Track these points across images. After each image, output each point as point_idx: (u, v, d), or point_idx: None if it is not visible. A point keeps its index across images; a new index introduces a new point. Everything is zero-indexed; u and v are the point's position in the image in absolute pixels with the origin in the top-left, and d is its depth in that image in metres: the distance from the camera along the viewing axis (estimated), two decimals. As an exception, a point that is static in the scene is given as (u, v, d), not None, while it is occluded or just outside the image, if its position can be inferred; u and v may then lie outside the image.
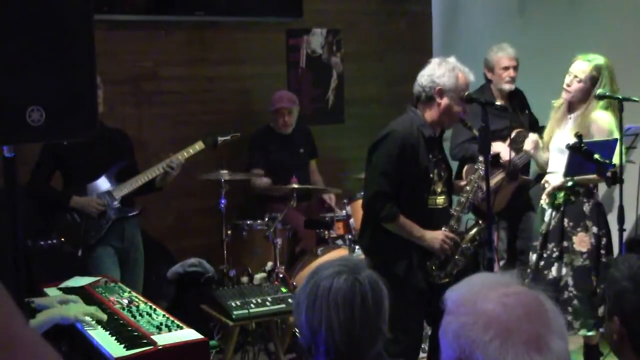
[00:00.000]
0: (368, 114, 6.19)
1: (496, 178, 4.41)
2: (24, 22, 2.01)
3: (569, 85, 3.98)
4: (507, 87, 4.67)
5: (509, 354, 1.24)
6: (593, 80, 3.91)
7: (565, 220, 3.95)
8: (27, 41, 2.02)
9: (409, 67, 6.33)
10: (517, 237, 4.76)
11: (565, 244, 3.94)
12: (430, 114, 3.52)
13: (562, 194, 3.97)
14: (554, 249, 3.95)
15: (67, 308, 2.95)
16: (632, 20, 4.98)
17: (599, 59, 3.95)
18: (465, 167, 4.49)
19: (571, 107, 4.04)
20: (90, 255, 4.25)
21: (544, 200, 4.08)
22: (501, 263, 4.70)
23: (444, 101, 3.47)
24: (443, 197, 3.59)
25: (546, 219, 4.01)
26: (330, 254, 4.68)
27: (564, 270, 3.93)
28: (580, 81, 3.93)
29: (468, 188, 3.62)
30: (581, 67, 3.94)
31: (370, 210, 3.55)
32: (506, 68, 4.64)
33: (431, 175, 3.51)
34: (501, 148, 4.42)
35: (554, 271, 3.93)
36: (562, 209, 3.97)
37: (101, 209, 4.24)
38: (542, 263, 3.98)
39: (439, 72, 3.48)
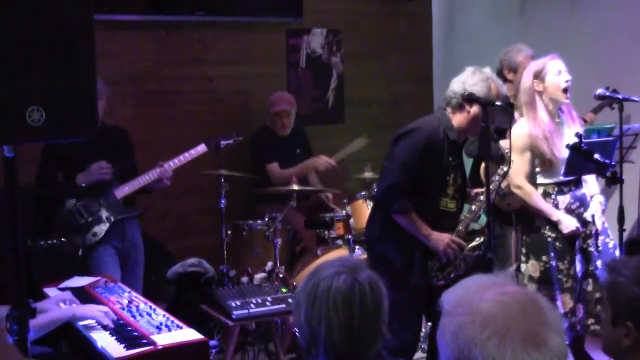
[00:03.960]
0: (368, 114, 6.20)
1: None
2: (24, 22, 2.01)
3: (568, 81, 3.81)
4: None
5: (507, 351, 1.24)
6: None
7: (604, 217, 3.94)
8: (27, 41, 2.02)
9: (409, 67, 6.39)
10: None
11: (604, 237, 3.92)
12: (459, 120, 3.56)
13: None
14: (598, 244, 3.90)
15: (75, 308, 2.96)
16: (632, 20, 4.98)
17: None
18: (483, 166, 4.46)
19: (555, 111, 3.89)
20: (92, 255, 4.25)
21: (567, 209, 3.97)
22: (514, 266, 4.64)
23: (474, 109, 3.50)
24: (455, 202, 3.63)
25: (589, 218, 3.90)
26: (330, 254, 4.68)
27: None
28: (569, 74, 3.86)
29: (482, 198, 3.63)
30: (561, 63, 3.85)
31: (384, 200, 3.58)
32: None
33: (447, 178, 3.54)
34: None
35: None
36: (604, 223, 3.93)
37: (108, 170, 4.21)
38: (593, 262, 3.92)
39: (472, 80, 3.51)
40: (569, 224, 3.82)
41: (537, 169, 3.92)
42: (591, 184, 3.95)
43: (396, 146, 3.55)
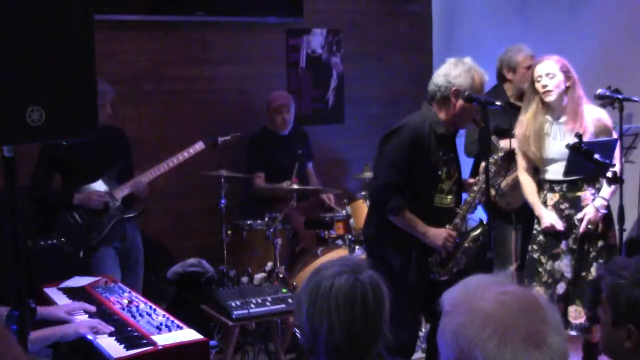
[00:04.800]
0: (368, 114, 6.20)
1: (512, 175, 4.40)
2: (24, 23, 2.01)
3: (546, 86, 3.84)
4: None
5: (507, 351, 1.24)
6: (563, 69, 3.85)
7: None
8: (27, 41, 2.02)
9: (409, 67, 6.39)
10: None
11: (600, 242, 3.91)
12: (445, 113, 3.54)
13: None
14: (591, 249, 3.90)
15: (67, 327, 2.94)
16: (632, 20, 4.98)
17: (554, 55, 3.94)
18: (482, 166, 4.47)
19: (549, 109, 3.92)
20: (93, 255, 4.25)
21: (555, 207, 3.98)
22: (514, 266, 4.65)
23: (460, 102, 3.48)
24: (450, 196, 3.60)
25: (577, 222, 3.93)
26: (330, 254, 4.68)
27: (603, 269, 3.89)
28: (554, 77, 3.83)
29: (475, 188, 3.64)
30: (549, 65, 3.86)
31: (378, 200, 3.58)
32: (529, 67, 4.67)
33: (439, 173, 3.52)
34: (516, 144, 4.40)
35: (593, 272, 3.90)
36: (599, 230, 3.89)
37: (103, 201, 4.23)
38: (577, 265, 3.91)
39: (455, 72, 3.49)
40: (546, 219, 3.89)
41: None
42: (604, 188, 3.90)
43: (383, 146, 3.54)
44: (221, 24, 5.61)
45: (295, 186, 4.78)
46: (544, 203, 3.96)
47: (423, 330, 4.45)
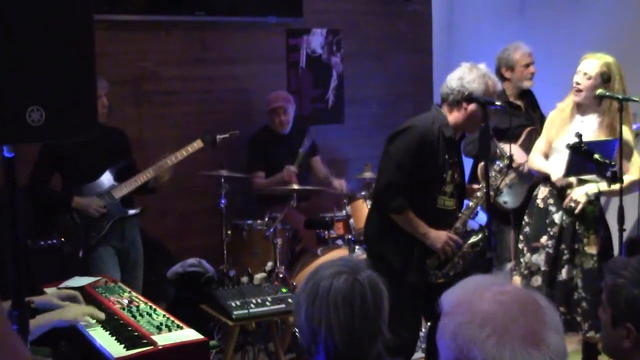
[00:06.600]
0: (368, 114, 6.20)
1: (510, 175, 4.41)
2: (24, 22, 2.01)
3: (578, 84, 3.89)
4: (529, 84, 4.71)
5: (506, 350, 1.24)
6: (603, 76, 3.86)
7: (577, 222, 3.94)
8: (27, 41, 2.02)
9: (409, 67, 6.39)
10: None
11: (576, 246, 3.93)
12: (455, 117, 3.54)
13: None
14: (565, 251, 3.94)
15: (65, 310, 2.94)
16: (632, 19, 4.98)
17: (608, 57, 3.94)
18: (480, 166, 4.48)
19: (579, 107, 3.97)
20: (91, 255, 4.25)
21: (543, 201, 4.04)
22: (511, 263, 4.67)
23: (471, 107, 3.49)
24: (453, 200, 3.61)
25: (557, 220, 3.98)
26: (330, 254, 4.68)
27: (573, 272, 3.93)
28: (590, 78, 3.86)
29: (479, 194, 3.64)
30: (590, 64, 3.88)
31: (381, 199, 3.58)
32: (527, 65, 4.68)
33: (444, 176, 3.53)
34: (515, 150, 4.40)
35: (564, 273, 3.92)
36: (575, 212, 3.90)
37: (102, 211, 4.24)
38: (550, 264, 3.96)
39: (470, 77, 3.49)
40: (556, 173, 3.94)
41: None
42: (603, 183, 3.91)
43: (390, 145, 3.54)
44: (221, 24, 5.61)
45: (295, 186, 4.78)
46: (535, 196, 4.07)
47: (423, 330, 4.45)
